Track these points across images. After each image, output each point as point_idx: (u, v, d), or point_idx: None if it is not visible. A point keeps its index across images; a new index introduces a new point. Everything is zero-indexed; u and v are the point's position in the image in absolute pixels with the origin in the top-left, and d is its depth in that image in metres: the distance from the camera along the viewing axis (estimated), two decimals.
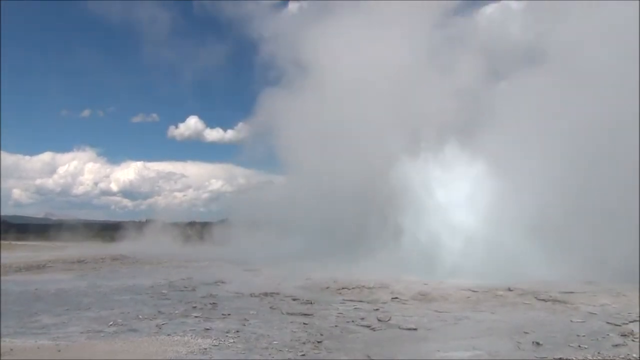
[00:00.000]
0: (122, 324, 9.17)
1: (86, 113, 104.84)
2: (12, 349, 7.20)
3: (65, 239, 46.59)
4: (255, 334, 8.42)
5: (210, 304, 11.38)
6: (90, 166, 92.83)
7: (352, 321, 9.57)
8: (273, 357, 7.05)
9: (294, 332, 8.60)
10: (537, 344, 7.74)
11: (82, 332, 8.52)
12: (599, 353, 7.18)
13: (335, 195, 25.24)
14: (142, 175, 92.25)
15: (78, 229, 52.20)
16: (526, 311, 10.65)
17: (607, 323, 9.24)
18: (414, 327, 9.03)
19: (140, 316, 9.92)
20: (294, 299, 12.03)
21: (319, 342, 7.90)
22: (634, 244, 14.58)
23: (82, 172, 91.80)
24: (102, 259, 24.04)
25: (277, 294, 12.78)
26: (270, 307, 10.99)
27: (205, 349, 7.38)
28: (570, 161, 17.76)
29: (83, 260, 22.92)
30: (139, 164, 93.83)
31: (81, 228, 53.52)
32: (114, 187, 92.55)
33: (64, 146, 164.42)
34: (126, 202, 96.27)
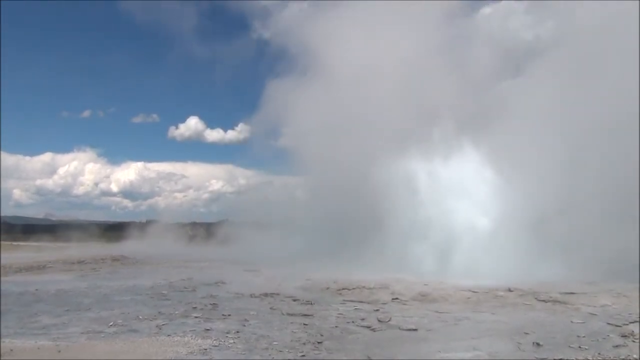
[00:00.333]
0: (122, 325, 9.16)
1: (86, 113, 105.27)
2: (12, 350, 7.19)
3: (65, 239, 46.58)
4: (255, 334, 8.42)
5: (211, 304, 11.38)
6: (90, 167, 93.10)
7: (353, 322, 9.57)
8: (273, 357, 7.05)
9: (294, 332, 8.60)
10: (538, 344, 7.74)
11: (82, 333, 8.52)
12: (599, 354, 7.18)
13: (337, 194, 25.18)
14: (142, 175, 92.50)
15: (78, 229, 52.25)
16: (526, 312, 10.66)
17: (608, 324, 9.25)
18: (414, 328, 9.03)
19: (141, 317, 9.92)
20: (294, 300, 12.04)
21: (319, 342, 7.91)
22: (634, 244, 14.57)
23: (82, 173, 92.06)
24: (103, 259, 24.02)
25: (278, 294, 12.78)
26: (271, 308, 11.00)
27: (206, 349, 7.38)
28: (570, 161, 17.75)
29: (83, 261, 22.90)
30: (139, 165, 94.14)
31: (81, 229, 53.62)
32: (114, 187, 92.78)
33: (64, 146, 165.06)
34: (126, 202, 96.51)
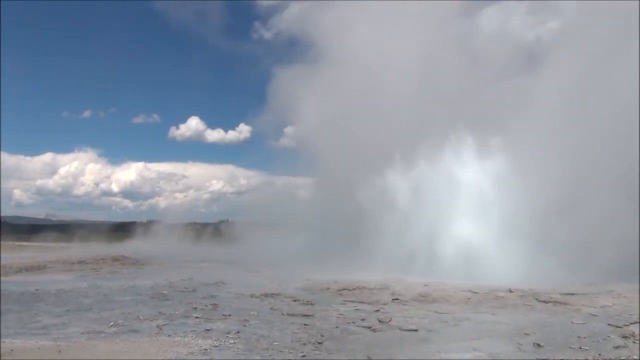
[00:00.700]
0: (122, 325, 9.16)
1: (87, 114, 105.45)
2: (12, 350, 7.18)
3: (65, 239, 46.63)
4: (255, 334, 8.42)
5: (211, 304, 11.38)
6: (91, 167, 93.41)
7: (353, 322, 9.57)
8: (274, 358, 7.05)
9: (295, 333, 8.60)
10: (538, 345, 7.74)
11: (82, 333, 8.51)
12: (599, 355, 7.17)
13: (337, 194, 25.18)
14: (143, 176, 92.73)
15: (79, 229, 52.28)
16: (527, 313, 10.66)
17: (608, 325, 9.24)
18: (415, 328, 9.02)
19: (141, 317, 9.91)
20: (295, 300, 12.04)
21: (319, 343, 7.91)
22: (634, 245, 14.56)
23: (83, 173, 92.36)
24: (103, 259, 24.03)
25: (278, 294, 12.79)
26: (271, 308, 10.99)
27: (206, 349, 7.38)
28: (569, 162, 17.73)
29: (84, 261, 22.92)
30: (139, 165, 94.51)
31: (82, 229, 53.66)
32: (114, 187, 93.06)
33: (64, 147, 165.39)
34: (127, 202, 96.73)
